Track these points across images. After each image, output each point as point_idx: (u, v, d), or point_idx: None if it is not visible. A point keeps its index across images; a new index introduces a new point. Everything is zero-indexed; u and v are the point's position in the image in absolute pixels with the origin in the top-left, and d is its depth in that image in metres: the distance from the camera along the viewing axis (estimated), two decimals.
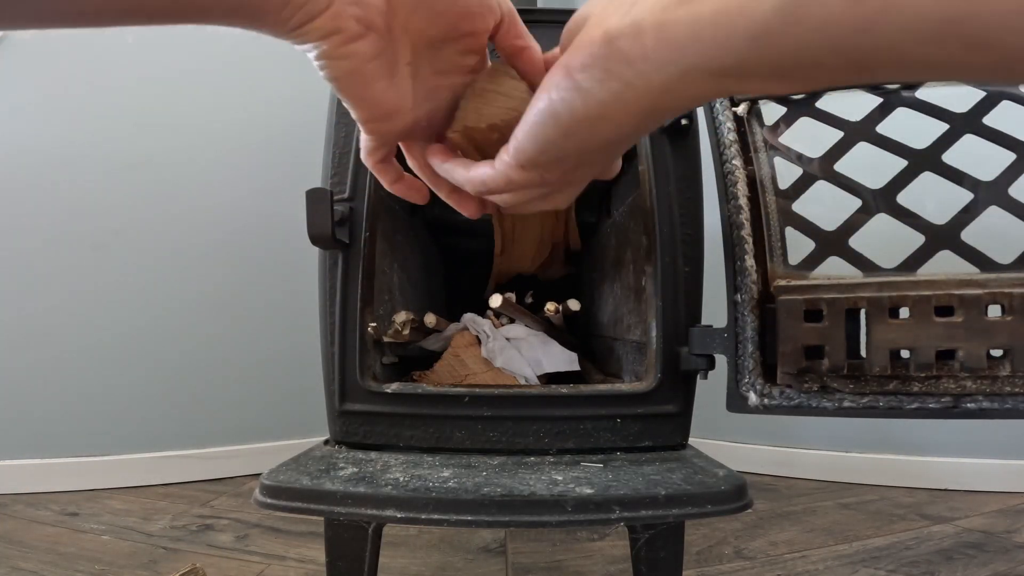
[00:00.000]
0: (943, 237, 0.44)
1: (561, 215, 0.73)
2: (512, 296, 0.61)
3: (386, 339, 0.53)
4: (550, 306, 0.57)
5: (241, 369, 1.16)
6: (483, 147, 0.32)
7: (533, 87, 0.28)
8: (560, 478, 0.41)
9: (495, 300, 0.58)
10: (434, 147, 0.32)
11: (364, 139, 0.30)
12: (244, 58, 1.17)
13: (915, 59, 0.19)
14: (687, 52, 0.21)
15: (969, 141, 0.43)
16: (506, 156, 0.28)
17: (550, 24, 0.54)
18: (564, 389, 0.49)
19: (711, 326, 0.47)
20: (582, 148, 0.26)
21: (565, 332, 0.65)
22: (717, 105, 0.47)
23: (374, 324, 0.50)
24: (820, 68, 0.20)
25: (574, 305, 0.60)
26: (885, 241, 0.46)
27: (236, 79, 1.17)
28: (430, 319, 0.56)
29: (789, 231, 0.45)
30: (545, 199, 0.31)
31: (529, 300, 0.68)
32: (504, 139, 0.29)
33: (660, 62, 0.22)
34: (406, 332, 0.54)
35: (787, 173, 0.46)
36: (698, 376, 0.49)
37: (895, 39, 0.18)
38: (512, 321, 0.64)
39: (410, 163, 0.33)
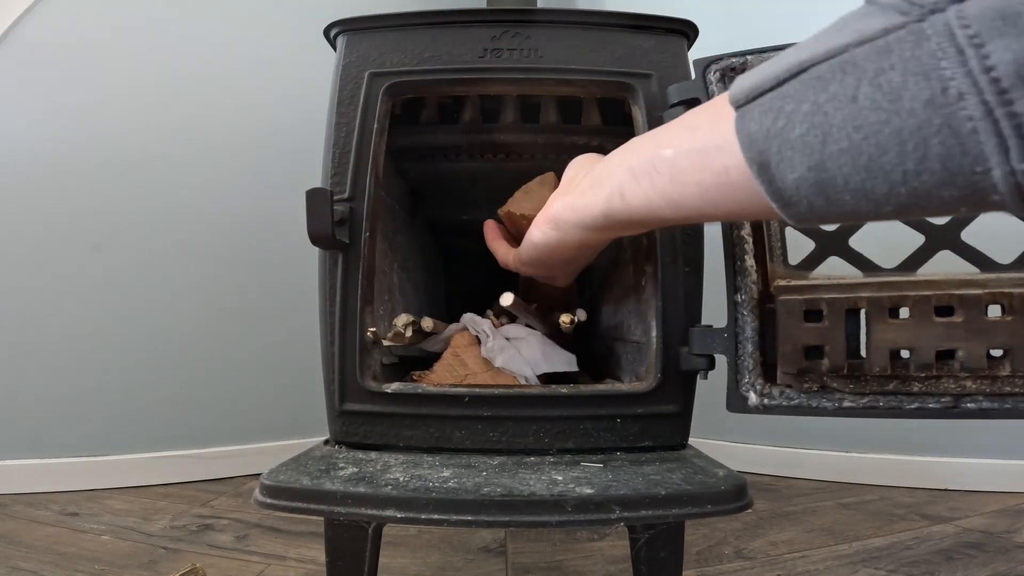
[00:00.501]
0: (943, 237, 0.44)
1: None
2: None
3: (386, 343, 0.53)
4: (564, 318, 0.57)
5: (241, 369, 1.16)
6: (518, 230, 0.53)
7: None
8: (560, 478, 0.41)
9: (506, 299, 0.58)
10: (490, 224, 0.58)
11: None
12: (244, 58, 1.17)
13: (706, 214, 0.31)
14: (577, 226, 0.40)
15: None
16: (514, 255, 0.51)
17: (550, 24, 0.54)
18: (564, 389, 0.49)
19: (711, 326, 0.47)
20: (552, 262, 0.47)
21: (573, 340, 0.66)
22: None
23: (374, 329, 0.50)
24: (666, 220, 0.34)
25: (582, 315, 0.61)
26: (885, 241, 0.46)
27: (236, 79, 1.17)
28: (427, 323, 0.56)
29: (789, 231, 0.45)
30: (545, 279, 0.55)
31: (533, 305, 0.68)
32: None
33: (567, 228, 0.41)
34: (408, 335, 0.54)
35: None
36: (698, 376, 0.49)
37: (685, 212, 0.31)
38: (512, 321, 0.64)
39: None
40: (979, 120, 0.18)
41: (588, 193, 0.38)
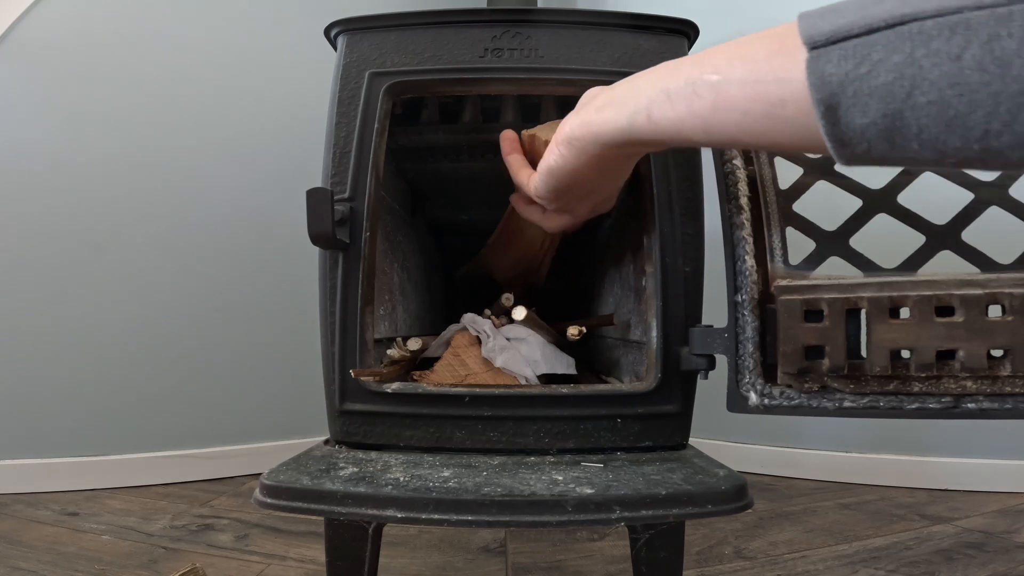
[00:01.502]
0: (943, 237, 0.44)
1: (539, 253, 0.75)
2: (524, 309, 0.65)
3: (396, 355, 0.54)
4: (572, 330, 0.57)
5: (241, 369, 1.16)
6: (535, 157, 0.48)
7: None
8: (560, 478, 0.41)
9: (519, 313, 0.61)
10: (509, 136, 0.51)
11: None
12: (244, 58, 1.17)
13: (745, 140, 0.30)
14: (593, 142, 0.38)
15: None
16: (532, 183, 0.46)
17: (550, 24, 0.54)
18: (564, 389, 0.49)
19: (711, 326, 0.47)
20: (569, 189, 0.44)
21: (576, 348, 0.66)
22: None
23: (378, 376, 0.50)
24: (692, 142, 0.34)
25: (574, 330, 0.61)
26: (885, 241, 0.46)
27: (236, 79, 1.17)
28: (414, 343, 0.57)
29: (789, 231, 0.45)
30: (548, 216, 0.50)
31: (532, 309, 0.69)
32: None
33: (582, 145, 0.39)
34: (415, 348, 0.56)
35: (787, 173, 0.46)
36: (698, 376, 0.49)
37: (726, 133, 0.30)
38: (511, 321, 0.64)
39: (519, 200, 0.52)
40: None
41: (607, 110, 0.37)
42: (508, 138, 0.51)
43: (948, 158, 0.23)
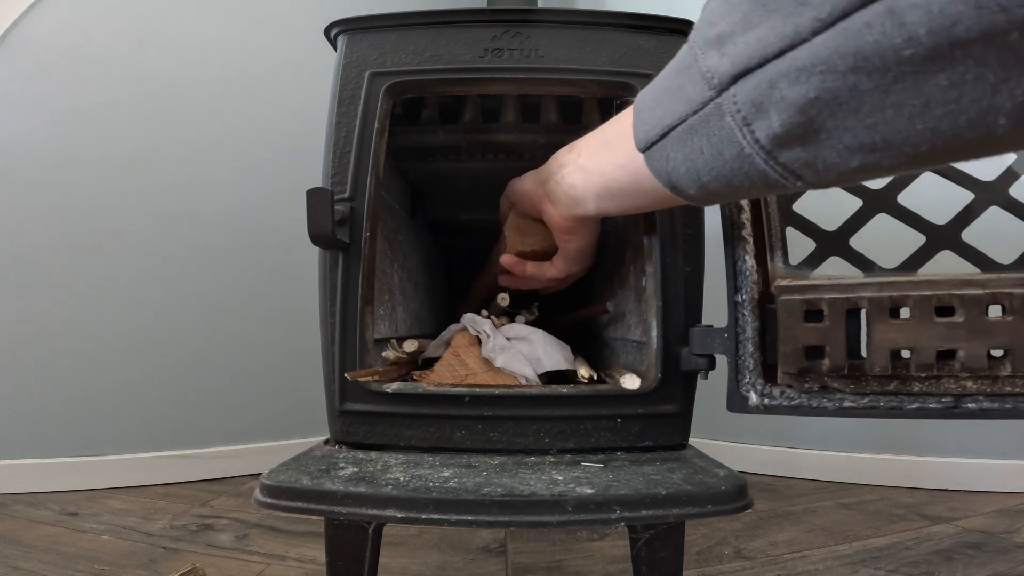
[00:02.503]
0: (943, 237, 0.44)
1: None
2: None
3: (392, 356, 0.54)
4: (583, 372, 0.57)
5: (241, 369, 1.16)
6: (530, 257, 0.57)
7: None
8: (560, 478, 0.41)
9: (520, 320, 0.65)
10: (509, 258, 0.58)
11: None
12: (244, 58, 1.17)
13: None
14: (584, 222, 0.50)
15: None
16: (559, 265, 0.56)
17: (550, 24, 0.54)
18: (564, 389, 0.49)
19: (711, 326, 0.47)
20: (581, 257, 0.55)
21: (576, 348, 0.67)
22: None
23: (375, 375, 0.50)
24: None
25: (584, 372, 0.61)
26: (885, 241, 0.46)
27: (236, 79, 1.17)
28: (411, 345, 0.57)
29: (789, 231, 0.45)
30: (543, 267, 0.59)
31: (534, 314, 0.69)
32: (538, 255, 0.57)
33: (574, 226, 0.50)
34: (413, 349, 0.57)
35: None
36: (698, 376, 0.49)
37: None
38: (512, 320, 0.64)
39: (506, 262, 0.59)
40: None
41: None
42: (514, 261, 0.58)
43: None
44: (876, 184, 0.45)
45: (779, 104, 0.24)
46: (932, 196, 0.47)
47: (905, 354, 0.39)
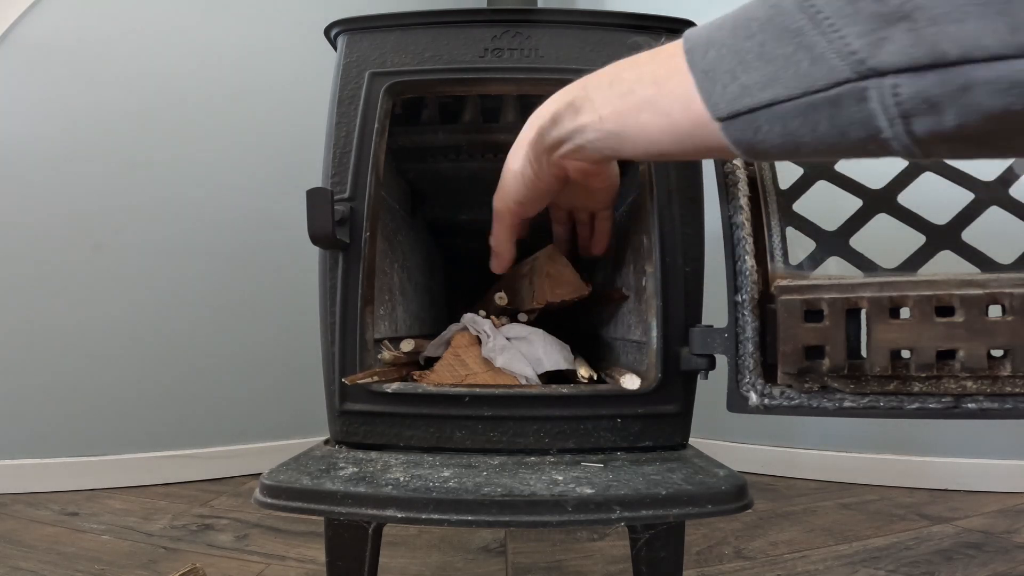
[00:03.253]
0: (943, 237, 0.44)
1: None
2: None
3: (388, 357, 0.53)
4: (583, 372, 0.57)
5: (241, 369, 1.16)
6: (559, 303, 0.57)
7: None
8: (560, 478, 0.41)
9: (521, 319, 0.63)
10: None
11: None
12: (244, 58, 1.17)
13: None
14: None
15: None
16: (604, 212, 0.57)
17: (550, 24, 0.54)
18: (564, 389, 0.49)
19: (711, 326, 0.47)
20: (615, 183, 0.54)
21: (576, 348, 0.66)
22: None
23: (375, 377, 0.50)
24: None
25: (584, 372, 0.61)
26: (885, 241, 0.46)
27: (236, 78, 1.17)
28: (407, 345, 0.57)
29: (789, 231, 0.45)
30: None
31: (534, 313, 0.69)
32: (567, 305, 0.57)
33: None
34: (409, 349, 0.57)
35: (787, 173, 0.46)
36: (698, 376, 0.49)
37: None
38: (512, 320, 0.64)
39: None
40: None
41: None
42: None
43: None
44: (876, 184, 0.45)
45: (965, 108, 0.23)
46: (932, 196, 0.47)
47: (905, 354, 0.39)
